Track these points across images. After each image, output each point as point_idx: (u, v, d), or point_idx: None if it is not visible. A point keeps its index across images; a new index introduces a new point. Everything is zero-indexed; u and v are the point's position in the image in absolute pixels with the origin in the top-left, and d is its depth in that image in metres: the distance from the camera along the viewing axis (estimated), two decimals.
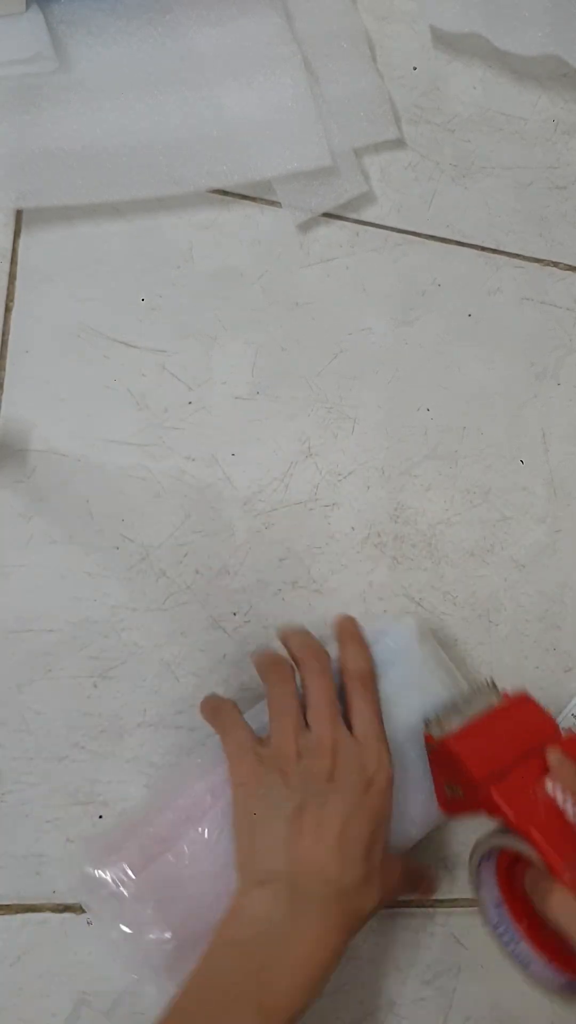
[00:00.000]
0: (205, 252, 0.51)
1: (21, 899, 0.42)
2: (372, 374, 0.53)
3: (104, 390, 0.49)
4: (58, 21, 0.50)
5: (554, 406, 0.55)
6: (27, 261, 0.49)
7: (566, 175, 0.58)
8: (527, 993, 0.48)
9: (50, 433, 0.47)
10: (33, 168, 0.48)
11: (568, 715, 0.51)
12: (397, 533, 0.51)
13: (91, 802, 0.44)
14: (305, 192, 0.52)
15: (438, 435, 0.53)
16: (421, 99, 0.57)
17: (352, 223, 0.54)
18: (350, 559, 0.50)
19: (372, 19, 0.57)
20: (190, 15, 0.52)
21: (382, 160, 0.55)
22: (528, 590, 0.52)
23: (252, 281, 0.52)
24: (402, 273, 0.54)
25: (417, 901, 0.47)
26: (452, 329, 0.54)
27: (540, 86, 0.59)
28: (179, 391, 0.49)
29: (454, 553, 0.52)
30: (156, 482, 0.48)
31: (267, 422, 0.50)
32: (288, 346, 0.52)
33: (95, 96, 0.50)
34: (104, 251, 0.50)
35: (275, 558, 0.49)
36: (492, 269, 0.56)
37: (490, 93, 0.58)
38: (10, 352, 0.48)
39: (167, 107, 0.50)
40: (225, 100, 0.51)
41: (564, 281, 0.57)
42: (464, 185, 0.56)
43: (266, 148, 0.51)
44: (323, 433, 0.51)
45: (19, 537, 0.46)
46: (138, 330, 0.49)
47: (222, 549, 0.48)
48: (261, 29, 0.52)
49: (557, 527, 0.54)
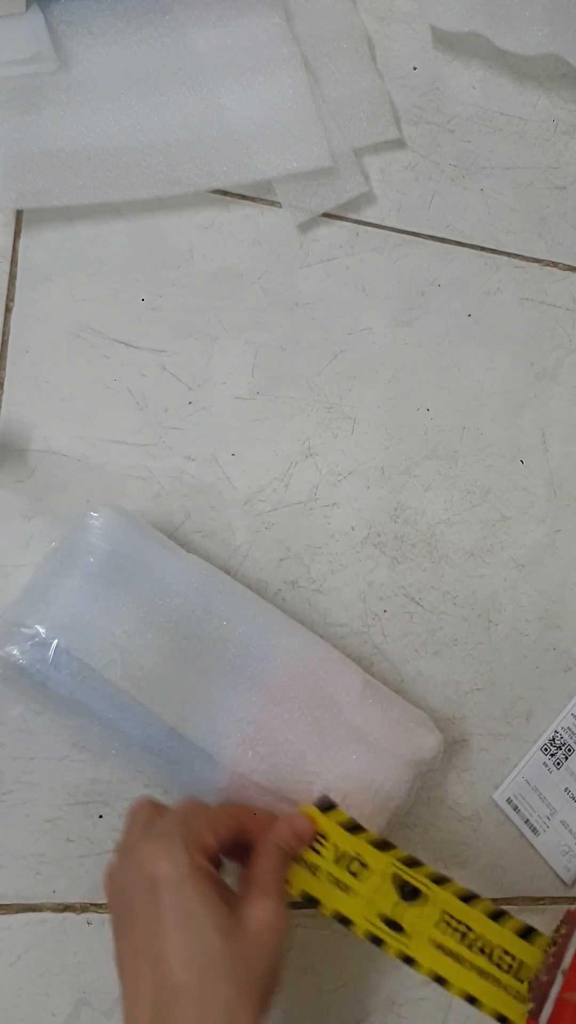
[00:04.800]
0: (205, 252, 0.51)
1: (21, 899, 0.42)
2: (372, 374, 0.53)
3: (104, 390, 0.49)
4: (58, 21, 0.50)
5: (554, 406, 0.55)
6: (27, 261, 0.49)
7: (566, 175, 0.58)
8: None
9: (50, 433, 0.47)
10: (33, 168, 0.48)
11: (568, 715, 0.51)
12: (397, 533, 0.51)
13: (91, 802, 0.44)
14: (305, 192, 0.52)
15: (438, 435, 0.53)
16: (421, 99, 0.57)
17: (352, 223, 0.54)
18: (350, 559, 0.50)
19: (372, 19, 0.57)
20: (190, 15, 0.52)
21: (382, 160, 0.55)
22: (528, 590, 0.53)
23: (252, 281, 0.52)
24: (402, 273, 0.54)
25: None
26: (452, 329, 0.54)
27: (540, 86, 0.59)
28: (179, 391, 0.50)
29: (454, 553, 0.52)
30: (156, 482, 0.48)
31: (267, 422, 0.50)
32: (288, 346, 0.52)
33: (95, 96, 0.50)
34: (104, 251, 0.50)
35: (275, 558, 0.49)
36: (492, 269, 0.56)
37: (490, 93, 0.58)
38: (10, 352, 0.48)
39: (167, 107, 0.50)
40: (225, 100, 0.51)
41: (564, 281, 0.57)
42: (464, 185, 0.56)
43: (266, 148, 0.51)
44: (323, 433, 0.51)
45: (19, 537, 0.46)
46: (138, 330, 0.50)
47: (222, 549, 0.48)
48: (261, 29, 0.52)
49: (557, 527, 0.54)
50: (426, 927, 0.39)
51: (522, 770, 0.50)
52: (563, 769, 0.50)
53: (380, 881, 0.39)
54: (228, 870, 0.39)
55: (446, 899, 0.40)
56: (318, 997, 0.46)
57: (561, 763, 0.50)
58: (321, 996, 0.46)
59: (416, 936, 0.39)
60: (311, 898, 0.39)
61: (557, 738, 0.50)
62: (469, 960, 0.39)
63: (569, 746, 0.50)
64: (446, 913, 0.39)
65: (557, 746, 0.50)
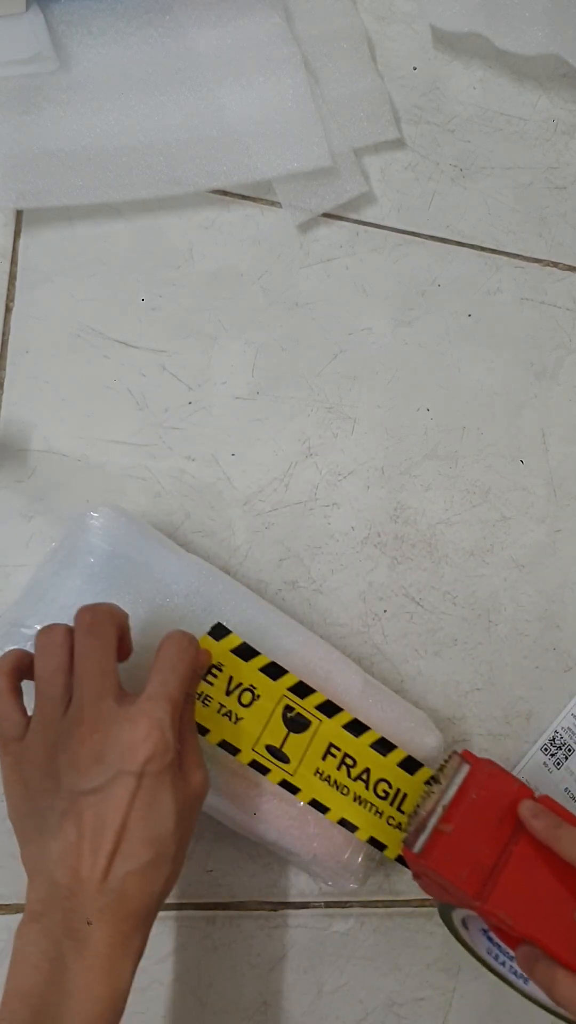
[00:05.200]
0: (205, 252, 0.51)
1: (21, 899, 0.42)
2: (372, 374, 0.53)
3: (104, 390, 0.49)
4: (58, 21, 0.50)
5: (554, 406, 0.55)
6: (27, 261, 0.49)
7: (566, 175, 0.58)
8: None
9: (50, 433, 0.47)
10: (33, 168, 0.48)
11: (568, 715, 0.51)
12: (397, 533, 0.51)
13: None
14: (305, 192, 0.52)
15: (438, 435, 0.53)
16: (421, 99, 0.57)
17: (352, 223, 0.54)
18: (350, 559, 0.50)
19: (372, 19, 0.57)
20: (190, 15, 0.52)
21: (382, 160, 0.55)
22: (528, 590, 0.53)
23: (252, 281, 0.52)
24: (402, 273, 0.54)
25: (417, 901, 0.47)
26: (452, 329, 0.54)
27: (540, 86, 0.59)
28: (179, 391, 0.50)
29: (454, 553, 0.52)
30: (156, 482, 0.48)
31: (267, 422, 0.50)
32: (288, 346, 0.52)
33: (95, 96, 0.50)
34: (104, 251, 0.50)
35: (275, 558, 0.49)
36: (492, 269, 0.56)
37: (490, 93, 0.58)
38: (10, 352, 0.48)
39: (167, 107, 0.50)
40: (225, 100, 0.51)
41: (564, 281, 0.57)
42: (464, 185, 0.56)
43: (266, 148, 0.51)
44: (323, 433, 0.51)
45: (19, 537, 0.46)
46: (138, 330, 0.50)
47: (222, 549, 0.48)
48: (261, 29, 0.52)
49: (557, 527, 0.54)
50: (311, 757, 0.41)
51: (522, 770, 0.50)
52: (563, 769, 0.50)
53: (270, 712, 0.41)
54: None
55: (333, 730, 0.42)
56: (318, 997, 0.46)
57: (561, 763, 0.50)
58: (321, 996, 0.46)
59: (300, 765, 0.41)
60: (199, 727, 0.40)
61: (557, 738, 0.50)
62: (351, 789, 0.41)
63: (569, 746, 0.50)
64: (332, 744, 0.42)
65: (557, 746, 0.50)
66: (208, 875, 0.45)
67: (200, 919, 0.45)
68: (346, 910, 0.47)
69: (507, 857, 0.39)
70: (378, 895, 0.47)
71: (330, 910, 0.47)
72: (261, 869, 0.46)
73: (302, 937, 0.46)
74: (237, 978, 0.45)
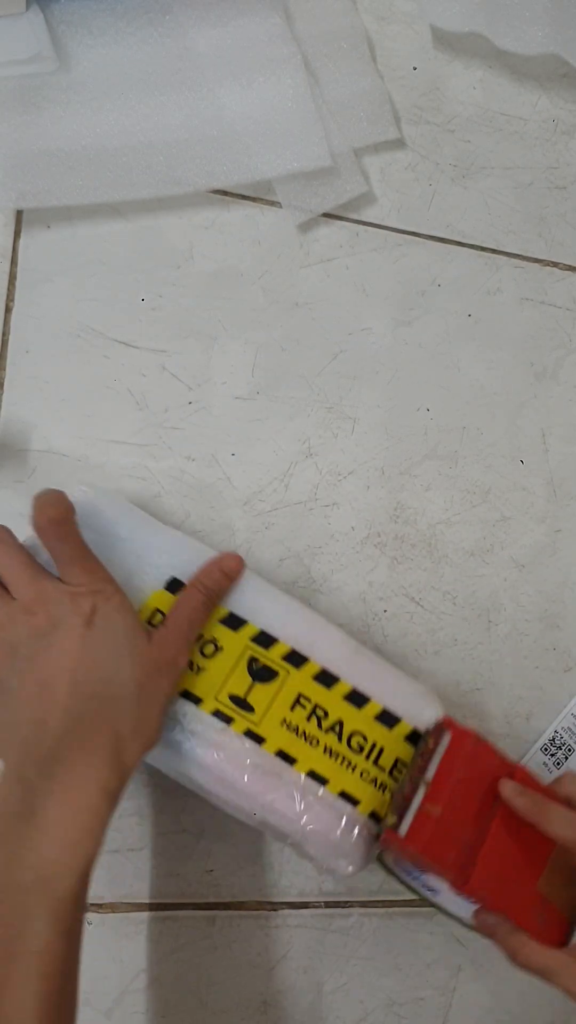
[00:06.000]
0: (205, 252, 0.51)
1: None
2: (372, 374, 0.53)
3: (104, 390, 0.49)
4: (58, 21, 0.50)
5: (554, 406, 0.55)
6: (27, 261, 0.49)
7: (566, 175, 0.58)
8: (527, 993, 0.48)
9: (50, 433, 0.47)
10: (33, 168, 0.48)
11: (568, 715, 0.51)
12: (397, 533, 0.51)
13: None
14: (305, 192, 0.52)
15: (438, 435, 0.53)
16: (421, 99, 0.57)
17: (352, 223, 0.54)
18: (350, 559, 0.50)
19: (372, 19, 0.57)
20: (190, 15, 0.52)
21: (382, 160, 0.55)
22: (528, 590, 0.53)
23: (252, 281, 0.52)
24: (402, 273, 0.54)
25: (417, 901, 0.47)
26: (452, 329, 0.54)
27: (540, 86, 0.59)
28: (179, 391, 0.50)
29: (454, 553, 0.52)
30: (156, 482, 0.48)
31: (267, 422, 0.50)
32: (288, 346, 0.52)
33: (95, 96, 0.50)
34: (104, 251, 0.50)
35: (275, 558, 0.49)
36: (492, 269, 0.56)
37: (490, 93, 0.58)
38: (10, 352, 0.48)
39: (167, 107, 0.50)
40: (225, 100, 0.51)
41: (564, 281, 0.57)
42: (464, 185, 0.56)
43: (266, 148, 0.51)
44: (323, 433, 0.51)
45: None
46: (138, 330, 0.50)
47: (222, 549, 0.48)
48: (261, 29, 0.52)
49: (557, 527, 0.54)
50: (278, 707, 0.40)
51: None
52: (563, 769, 0.50)
53: (234, 662, 0.40)
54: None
55: (302, 680, 0.40)
56: (318, 997, 0.46)
57: (561, 763, 0.50)
58: (321, 996, 0.46)
59: (265, 715, 0.40)
60: None
61: (557, 738, 0.50)
62: (321, 740, 0.40)
63: (569, 746, 0.50)
64: (301, 695, 0.40)
65: (557, 746, 0.50)
66: (208, 875, 0.45)
67: (200, 919, 0.45)
68: (346, 910, 0.47)
69: (484, 835, 0.38)
70: (378, 895, 0.47)
71: (330, 910, 0.47)
72: (261, 869, 0.46)
73: (302, 937, 0.46)
74: (237, 978, 0.45)
